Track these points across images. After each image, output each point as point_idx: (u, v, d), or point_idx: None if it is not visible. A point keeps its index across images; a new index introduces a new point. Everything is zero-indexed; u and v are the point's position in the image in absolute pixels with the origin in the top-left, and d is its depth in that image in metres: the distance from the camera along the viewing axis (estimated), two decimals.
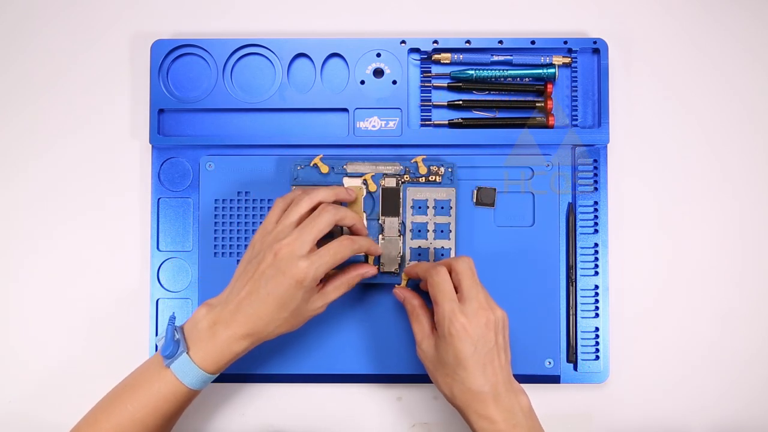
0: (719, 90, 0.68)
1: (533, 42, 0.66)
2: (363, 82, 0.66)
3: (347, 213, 0.58)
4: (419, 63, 0.67)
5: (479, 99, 0.67)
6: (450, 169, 0.64)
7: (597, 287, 0.66)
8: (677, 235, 0.68)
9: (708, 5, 0.69)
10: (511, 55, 0.67)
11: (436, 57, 0.67)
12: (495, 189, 0.66)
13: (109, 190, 0.68)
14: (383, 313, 0.65)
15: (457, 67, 0.67)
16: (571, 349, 0.65)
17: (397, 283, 0.63)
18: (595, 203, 0.66)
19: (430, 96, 0.67)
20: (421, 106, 0.67)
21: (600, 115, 0.66)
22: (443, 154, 0.66)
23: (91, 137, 0.68)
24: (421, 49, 0.66)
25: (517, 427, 0.55)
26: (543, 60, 0.67)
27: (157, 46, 0.66)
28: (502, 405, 0.55)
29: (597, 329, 0.65)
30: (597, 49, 0.66)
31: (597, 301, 0.66)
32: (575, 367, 0.65)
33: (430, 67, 0.67)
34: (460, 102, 0.67)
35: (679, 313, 0.68)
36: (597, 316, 0.66)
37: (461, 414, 0.57)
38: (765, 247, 0.68)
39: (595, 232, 0.66)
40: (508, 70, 0.67)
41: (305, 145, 0.66)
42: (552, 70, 0.66)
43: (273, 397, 0.67)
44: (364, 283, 0.62)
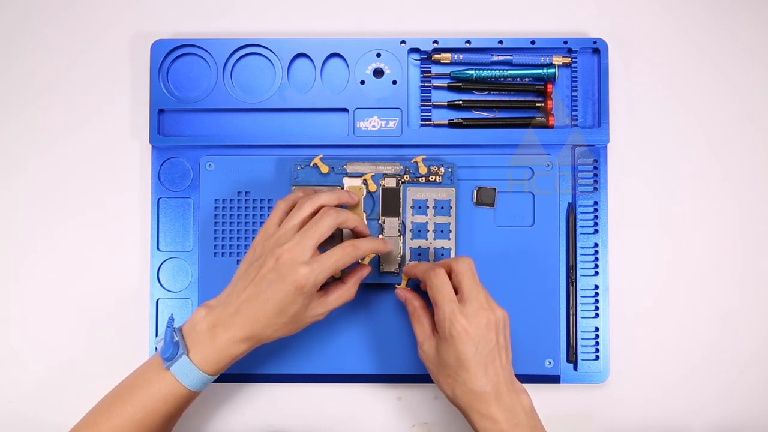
0: (719, 90, 0.68)
1: (533, 42, 0.66)
2: (363, 82, 0.66)
3: (349, 216, 0.58)
4: (419, 63, 0.67)
5: (479, 99, 0.67)
6: (450, 169, 0.64)
7: (597, 287, 0.66)
8: (677, 235, 0.68)
9: (708, 5, 0.69)
10: (511, 55, 0.67)
11: (436, 57, 0.67)
12: (495, 189, 0.66)
13: (109, 190, 0.68)
14: (383, 313, 0.65)
15: (457, 67, 0.67)
16: (571, 349, 0.65)
17: (397, 283, 0.63)
18: (595, 203, 0.66)
19: (430, 96, 0.67)
20: (421, 106, 0.67)
21: (600, 115, 0.66)
22: (443, 154, 0.66)
23: (91, 137, 0.68)
24: (421, 49, 0.66)
25: (519, 426, 0.55)
26: (543, 60, 0.67)
27: (157, 46, 0.66)
28: (504, 405, 0.55)
29: (597, 329, 0.65)
30: (597, 49, 0.66)
31: (597, 301, 0.66)
32: (575, 367, 0.65)
33: (430, 67, 0.67)
34: (460, 102, 0.67)
35: (679, 313, 0.68)
36: (597, 316, 0.66)
37: (463, 414, 0.57)
38: (765, 247, 0.68)
39: (595, 232, 0.66)
40: (508, 70, 0.67)
41: (305, 145, 0.66)
42: (552, 70, 0.66)
43: (273, 397, 0.67)
44: (364, 283, 0.62)
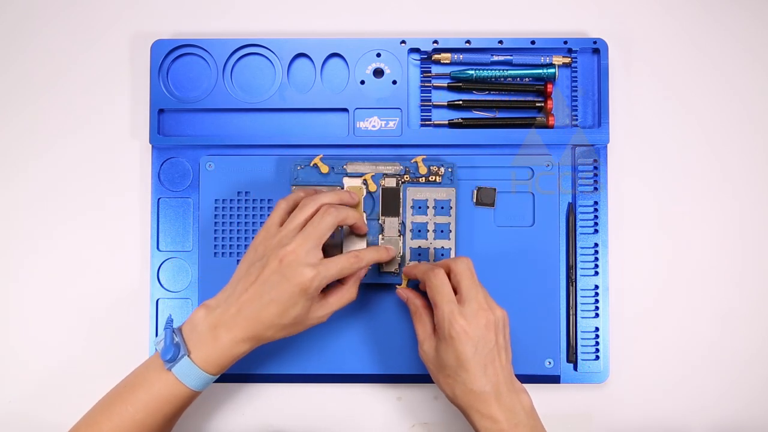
0: (719, 90, 0.68)
1: (533, 42, 0.66)
2: (363, 82, 0.66)
3: (348, 213, 0.58)
4: (419, 63, 0.67)
5: (479, 99, 0.67)
6: (450, 169, 0.64)
7: (597, 287, 0.66)
8: (677, 235, 0.68)
9: (708, 5, 0.69)
10: (511, 55, 0.67)
11: (436, 57, 0.67)
12: (495, 189, 0.66)
13: (109, 190, 0.68)
14: (383, 314, 0.65)
15: (457, 67, 0.67)
16: (571, 349, 0.65)
17: (397, 283, 0.63)
18: (595, 203, 0.66)
19: (430, 96, 0.67)
20: (421, 106, 0.67)
21: (600, 115, 0.66)
22: (443, 154, 0.66)
23: (91, 137, 0.68)
24: (421, 49, 0.66)
25: (519, 426, 0.55)
26: (543, 60, 0.67)
27: (157, 46, 0.66)
28: (504, 404, 0.56)
29: (597, 329, 0.65)
30: (597, 49, 0.66)
31: (597, 301, 0.66)
32: (575, 367, 0.65)
33: (430, 67, 0.67)
34: (460, 102, 0.67)
35: (679, 313, 0.68)
36: (597, 316, 0.66)
37: (464, 414, 0.57)
38: (765, 247, 0.68)
39: (595, 232, 0.66)
40: (508, 70, 0.67)
41: (305, 145, 0.66)
42: (552, 70, 0.66)
43: (273, 397, 0.67)
44: (364, 283, 0.62)
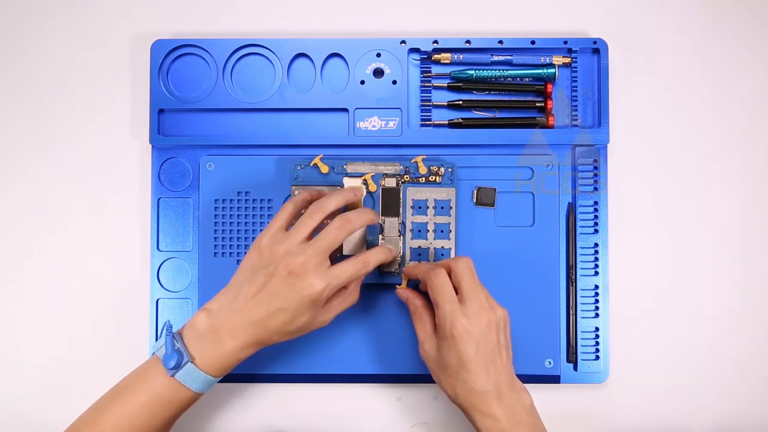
0: (719, 90, 0.68)
1: (533, 42, 0.66)
2: (363, 82, 0.66)
3: (355, 223, 0.58)
4: (419, 63, 0.67)
5: (479, 99, 0.67)
6: (450, 169, 0.64)
7: (597, 287, 0.66)
8: (677, 235, 0.68)
9: (708, 5, 0.69)
10: (511, 55, 0.67)
11: (436, 57, 0.67)
12: (495, 189, 0.66)
13: (109, 190, 0.68)
14: (383, 314, 0.65)
15: (457, 67, 0.67)
16: (571, 349, 0.65)
17: (397, 283, 0.63)
18: (595, 203, 0.66)
19: (430, 96, 0.67)
20: (421, 106, 0.67)
21: (600, 115, 0.66)
22: (443, 154, 0.66)
23: (91, 137, 0.68)
24: (421, 49, 0.66)
25: (520, 425, 0.55)
26: (543, 60, 0.67)
27: (157, 46, 0.66)
28: (506, 403, 0.56)
29: (597, 329, 0.65)
30: (597, 49, 0.66)
31: (597, 301, 0.66)
32: (575, 367, 0.65)
33: (430, 67, 0.67)
34: (460, 102, 0.67)
35: (679, 313, 0.68)
36: (597, 316, 0.66)
37: (465, 413, 0.57)
38: (765, 247, 0.68)
39: (595, 232, 0.66)
40: (508, 70, 0.67)
41: (305, 145, 0.66)
42: (552, 70, 0.66)
43: (274, 397, 0.67)
44: (364, 284, 0.62)
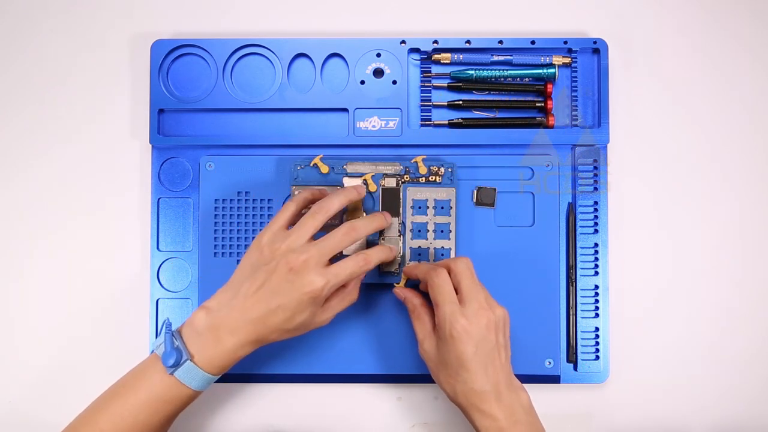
0: (719, 90, 0.68)
1: (533, 42, 0.66)
2: (363, 82, 0.66)
3: (361, 231, 0.58)
4: (419, 63, 0.67)
5: (479, 99, 0.67)
6: (450, 169, 0.64)
7: (597, 287, 0.66)
8: (677, 235, 0.68)
9: (708, 5, 0.69)
10: (511, 55, 0.67)
11: (436, 57, 0.67)
12: (495, 189, 0.66)
13: (109, 190, 0.68)
14: (383, 314, 0.65)
15: (457, 67, 0.67)
16: (571, 349, 0.65)
17: (397, 282, 0.63)
18: (595, 203, 0.66)
19: (430, 96, 0.67)
20: (421, 106, 0.67)
21: (600, 115, 0.66)
22: (443, 154, 0.66)
23: (91, 137, 0.68)
24: (421, 49, 0.66)
25: (518, 423, 0.56)
26: (543, 60, 0.67)
27: (157, 46, 0.66)
28: (504, 403, 0.56)
29: (597, 329, 0.65)
30: (597, 49, 0.66)
31: (597, 301, 0.66)
32: (575, 367, 0.65)
33: (430, 67, 0.67)
34: (460, 102, 0.67)
35: (679, 313, 0.68)
36: (597, 316, 0.66)
37: (463, 412, 0.58)
38: (765, 247, 0.68)
39: (595, 232, 0.66)
40: (508, 70, 0.67)
41: (305, 145, 0.66)
42: (552, 70, 0.66)
43: (274, 397, 0.67)
44: (364, 283, 0.62)
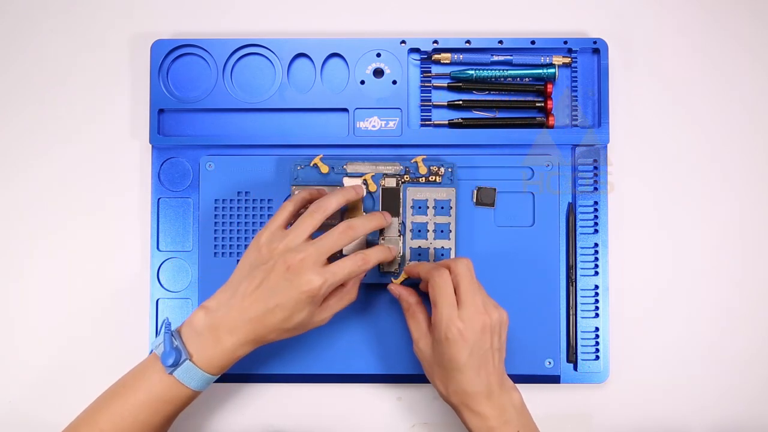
0: (719, 90, 0.68)
1: (533, 42, 0.66)
2: (363, 82, 0.66)
3: (359, 230, 0.58)
4: (419, 63, 0.67)
5: (479, 99, 0.67)
6: (450, 169, 0.64)
7: (597, 287, 0.66)
8: (677, 235, 0.68)
9: (708, 5, 0.69)
10: (511, 55, 0.67)
11: (436, 57, 0.67)
12: (495, 189, 0.66)
13: (109, 190, 0.68)
14: (383, 313, 0.65)
15: (457, 67, 0.67)
16: (571, 349, 0.65)
17: (395, 279, 0.63)
18: (595, 203, 0.66)
19: (430, 96, 0.67)
20: (421, 106, 0.67)
21: (600, 115, 0.66)
22: (443, 154, 0.66)
23: (91, 137, 0.68)
24: (421, 49, 0.66)
25: (508, 423, 0.56)
26: (543, 60, 0.67)
27: (157, 46, 0.66)
28: (495, 402, 0.56)
29: (597, 329, 0.65)
30: (597, 49, 0.66)
31: (597, 301, 0.66)
32: (575, 367, 0.65)
33: (430, 67, 0.67)
34: (460, 102, 0.67)
35: (679, 313, 0.68)
36: (597, 316, 0.66)
37: (455, 410, 0.58)
38: (765, 247, 0.68)
39: (595, 232, 0.66)
40: (508, 70, 0.67)
41: (305, 145, 0.66)
42: (552, 70, 0.66)
43: (273, 397, 0.67)
44: (364, 283, 0.62)
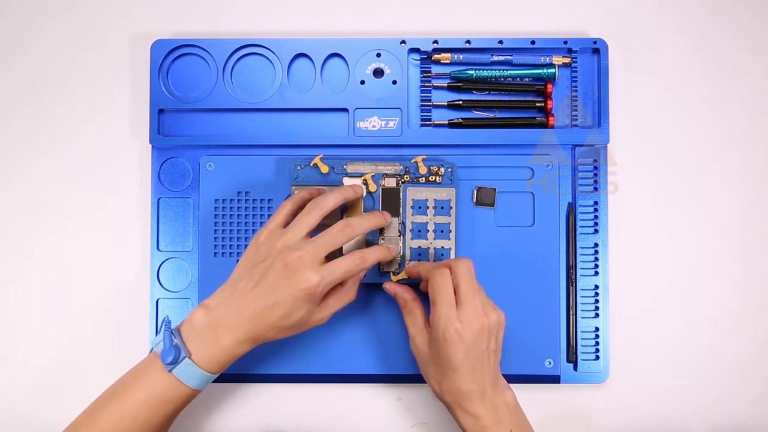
0: (719, 90, 0.68)
1: (533, 42, 0.66)
2: (363, 82, 0.66)
3: (356, 229, 0.58)
4: (419, 63, 0.67)
5: (479, 99, 0.67)
6: (450, 169, 0.64)
7: (597, 287, 0.66)
8: (677, 235, 0.68)
9: (708, 5, 0.69)
10: (511, 55, 0.67)
11: (436, 57, 0.67)
12: (495, 189, 0.66)
13: (109, 190, 0.68)
14: (383, 313, 0.65)
15: (457, 67, 0.67)
16: (571, 349, 0.65)
17: (395, 275, 0.63)
18: (595, 203, 0.66)
19: (430, 96, 0.67)
20: (421, 106, 0.67)
21: (600, 115, 0.66)
22: (443, 154, 0.66)
23: (91, 137, 0.68)
24: (421, 49, 0.66)
25: (501, 422, 0.56)
26: (543, 60, 0.67)
27: (157, 46, 0.66)
28: (488, 402, 0.57)
29: (597, 329, 0.65)
30: (597, 49, 0.66)
31: (597, 301, 0.66)
32: (575, 367, 0.65)
33: (430, 67, 0.67)
34: (460, 102, 0.67)
35: (679, 313, 0.68)
36: (597, 316, 0.66)
37: (448, 409, 0.59)
38: (765, 247, 0.68)
39: (595, 232, 0.66)
40: (508, 70, 0.67)
41: (305, 145, 0.66)
42: (552, 70, 0.66)
43: (273, 397, 0.67)
44: (364, 283, 0.62)
